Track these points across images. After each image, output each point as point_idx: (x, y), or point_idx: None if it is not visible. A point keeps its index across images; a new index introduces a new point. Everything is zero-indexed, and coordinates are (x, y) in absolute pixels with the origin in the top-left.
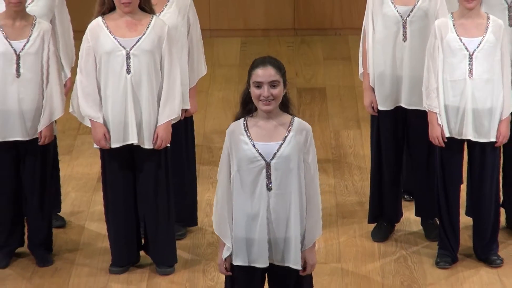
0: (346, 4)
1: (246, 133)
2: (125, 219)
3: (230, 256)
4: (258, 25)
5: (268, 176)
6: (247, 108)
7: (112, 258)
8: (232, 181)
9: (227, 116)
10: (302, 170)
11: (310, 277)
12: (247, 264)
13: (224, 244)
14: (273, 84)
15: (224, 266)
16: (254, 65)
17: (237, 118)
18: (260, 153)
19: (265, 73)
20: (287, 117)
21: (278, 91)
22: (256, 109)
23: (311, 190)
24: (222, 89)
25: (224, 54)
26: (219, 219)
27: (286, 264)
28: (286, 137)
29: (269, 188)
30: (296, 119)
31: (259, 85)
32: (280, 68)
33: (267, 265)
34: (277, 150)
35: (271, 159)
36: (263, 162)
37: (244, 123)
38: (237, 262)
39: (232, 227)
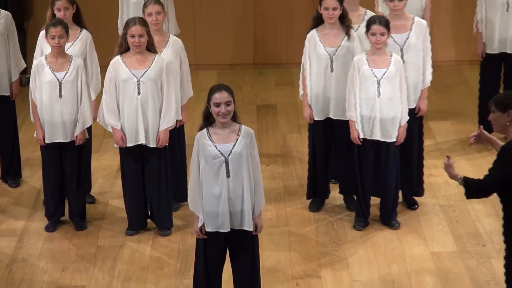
0: (290, 47)
1: (209, 139)
2: (137, 196)
3: (203, 225)
4: (229, 61)
5: (227, 167)
6: (208, 121)
7: (128, 224)
8: (201, 172)
9: None
10: (249, 162)
11: (257, 236)
12: (215, 230)
13: (198, 217)
14: (227, 103)
15: (199, 231)
16: (213, 90)
17: (201, 129)
18: (220, 152)
19: (221, 96)
20: (236, 126)
21: (231, 108)
22: (214, 121)
23: (257, 175)
24: (204, 106)
25: (205, 81)
26: (193, 199)
27: (243, 228)
28: (237, 140)
29: (228, 176)
30: (243, 126)
31: (217, 104)
32: (231, 92)
33: (229, 229)
34: (232, 149)
35: (228, 156)
36: (222, 158)
37: (207, 132)
38: (208, 228)
39: (203, 204)
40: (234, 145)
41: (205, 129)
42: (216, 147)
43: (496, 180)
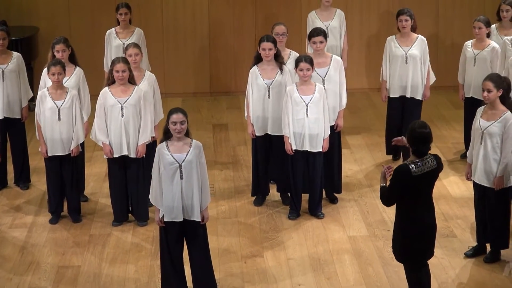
0: (238, 79)
1: (167, 149)
2: (121, 195)
3: (162, 216)
4: (191, 90)
5: (181, 172)
6: (167, 135)
7: (114, 217)
8: (161, 175)
9: None
10: (198, 167)
11: (205, 225)
12: (171, 220)
13: (159, 209)
14: (182, 123)
15: (160, 221)
16: (171, 112)
17: (161, 141)
18: (175, 159)
19: (178, 117)
20: (188, 140)
21: (185, 126)
22: (172, 135)
23: (204, 178)
24: None
25: (172, 106)
26: (155, 196)
27: (193, 218)
28: (189, 150)
29: (181, 178)
30: (194, 140)
31: (174, 123)
32: (185, 113)
33: (182, 219)
34: (185, 158)
35: (182, 162)
36: (177, 164)
37: (166, 144)
38: (166, 219)
39: (163, 200)
40: (187, 155)
41: (164, 142)
42: (172, 156)
43: (392, 196)
